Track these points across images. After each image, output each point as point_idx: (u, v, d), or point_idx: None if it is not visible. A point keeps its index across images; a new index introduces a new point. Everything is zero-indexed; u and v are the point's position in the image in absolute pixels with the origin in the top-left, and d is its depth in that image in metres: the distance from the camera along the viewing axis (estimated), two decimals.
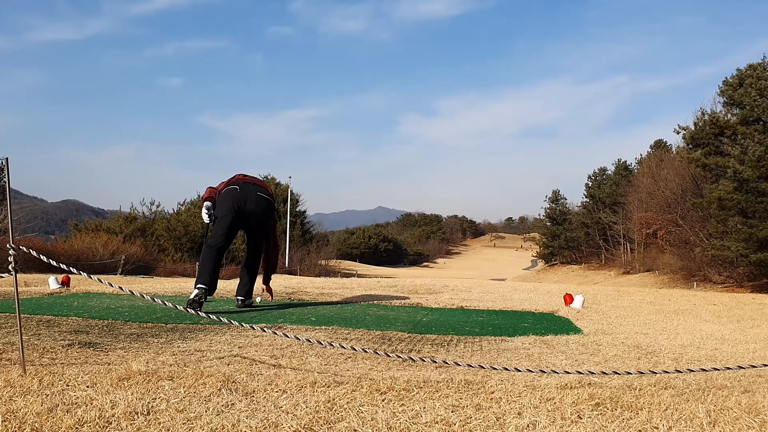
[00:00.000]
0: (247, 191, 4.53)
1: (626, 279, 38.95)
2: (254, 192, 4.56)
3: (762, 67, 24.54)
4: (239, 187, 4.54)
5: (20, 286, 6.34)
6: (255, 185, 4.62)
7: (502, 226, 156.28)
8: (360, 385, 1.88)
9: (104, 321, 3.59)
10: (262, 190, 4.63)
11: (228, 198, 4.50)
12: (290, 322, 3.88)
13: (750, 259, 21.82)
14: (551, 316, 5.04)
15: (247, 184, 4.59)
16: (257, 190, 4.59)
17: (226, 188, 4.58)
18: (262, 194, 4.59)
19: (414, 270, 73.64)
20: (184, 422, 1.48)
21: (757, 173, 21.38)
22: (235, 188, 4.53)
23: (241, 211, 4.48)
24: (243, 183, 4.58)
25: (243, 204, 4.48)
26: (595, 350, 3.13)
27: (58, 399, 1.62)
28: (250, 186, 4.58)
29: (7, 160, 2.23)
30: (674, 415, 1.63)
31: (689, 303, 7.27)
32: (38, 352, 2.43)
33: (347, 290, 7.43)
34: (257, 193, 4.57)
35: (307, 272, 33.66)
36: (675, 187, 33.28)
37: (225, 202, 4.50)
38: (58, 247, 21.78)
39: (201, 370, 2.07)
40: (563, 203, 66.70)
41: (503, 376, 2.30)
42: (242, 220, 4.53)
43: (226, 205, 4.48)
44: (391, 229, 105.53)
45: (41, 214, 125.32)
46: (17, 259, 2.08)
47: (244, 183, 4.59)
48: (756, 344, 3.69)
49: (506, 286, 11.14)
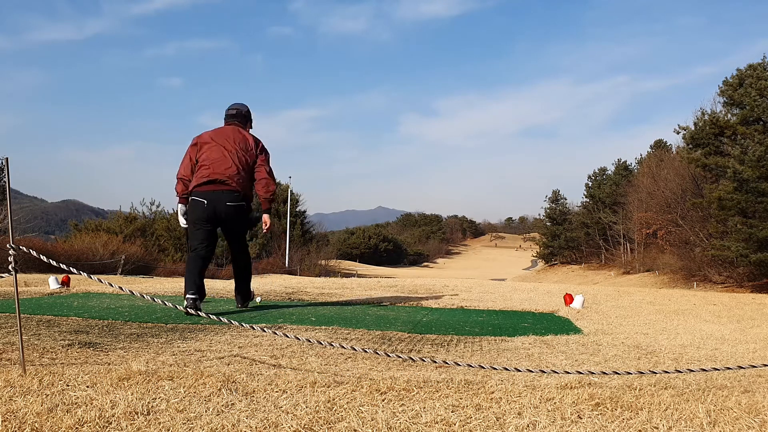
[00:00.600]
0: (215, 203, 4.22)
1: (626, 279, 38.95)
2: (223, 203, 4.23)
3: (762, 67, 24.55)
4: (206, 200, 4.21)
5: (20, 286, 6.34)
6: (225, 192, 4.23)
7: (502, 226, 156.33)
8: (360, 385, 1.87)
9: (104, 321, 3.59)
10: (230, 196, 4.24)
11: (197, 209, 4.24)
12: (290, 322, 3.88)
13: (750, 259, 21.83)
14: (551, 316, 5.04)
15: (216, 194, 4.22)
16: (227, 198, 4.23)
17: (193, 198, 4.27)
18: (232, 203, 4.25)
19: (414, 270, 73.63)
20: (184, 422, 1.48)
21: (757, 173, 21.38)
22: (202, 203, 4.22)
23: (213, 221, 4.27)
24: (211, 193, 4.22)
25: (213, 215, 4.23)
26: (595, 350, 3.13)
27: (58, 399, 1.62)
28: (219, 195, 4.22)
29: (7, 160, 2.23)
30: (674, 415, 1.63)
31: (689, 303, 7.27)
32: (38, 352, 2.43)
33: (347, 290, 7.43)
34: (227, 203, 4.23)
35: (307, 272, 33.66)
36: (675, 187, 33.29)
37: (194, 212, 4.26)
38: (58, 247, 21.78)
39: (201, 370, 2.07)
40: (563, 203, 66.73)
41: (503, 376, 2.30)
42: (217, 226, 4.34)
43: (196, 215, 4.25)
44: (391, 229, 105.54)
45: (41, 214, 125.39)
46: (17, 259, 2.08)
47: (212, 193, 4.22)
48: (756, 344, 3.69)
49: (506, 286, 11.14)
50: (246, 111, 4.59)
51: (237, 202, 4.26)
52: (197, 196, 4.24)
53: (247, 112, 4.60)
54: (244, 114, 4.57)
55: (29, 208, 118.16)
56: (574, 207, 63.92)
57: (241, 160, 4.30)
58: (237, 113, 4.53)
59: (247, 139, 4.41)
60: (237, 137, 4.38)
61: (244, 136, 4.43)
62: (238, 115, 4.53)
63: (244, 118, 4.56)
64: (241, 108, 4.57)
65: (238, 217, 4.31)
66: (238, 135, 4.40)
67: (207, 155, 4.28)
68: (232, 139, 4.35)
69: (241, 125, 4.50)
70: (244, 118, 4.56)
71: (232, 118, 4.52)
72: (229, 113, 4.54)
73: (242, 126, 4.51)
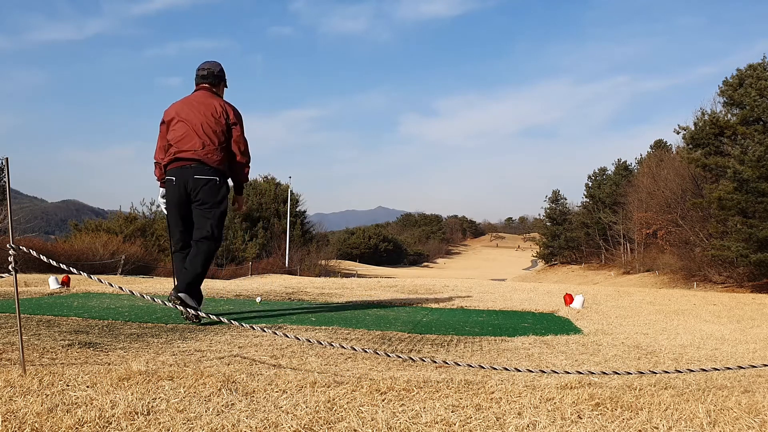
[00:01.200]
0: (184, 179, 3.85)
1: (626, 279, 38.94)
2: (191, 176, 3.82)
3: (762, 67, 24.55)
4: (175, 177, 3.87)
5: (20, 286, 6.34)
6: (192, 166, 3.84)
7: (502, 226, 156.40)
8: (360, 385, 1.87)
9: (104, 321, 3.59)
10: (198, 169, 3.84)
11: (168, 190, 3.93)
12: (290, 322, 3.88)
13: (750, 259, 21.83)
14: (551, 316, 5.04)
15: (183, 170, 3.85)
16: (194, 172, 3.83)
17: (166, 179, 3.96)
18: (201, 176, 3.84)
19: (414, 270, 73.64)
20: (184, 422, 1.48)
21: (757, 173, 21.38)
22: (171, 181, 3.89)
23: (186, 202, 3.89)
24: (179, 170, 3.87)
25: (184, 193, 3.86)
26: (595, 350, 3.13)
27: (58, 399, 1.62)
28: (186, 170, 3.84)
29: (7, 160, 2.23)
30: (674, 415, 1.63)
31: (689, 303, 7.27)
32: (38, 352, 2.43)
33: (347, 290, 7.43)
34: (194, 176, 3.83)
35: (307, 272, 33.66)
36: (675, 187, 33.30)
37: (167, 194, 3.96)
38: (58, 247, 21.78)
39: (201, 370, 2.07)
40: (563, 203, 66.75)
41: (503, 376, 2.30)
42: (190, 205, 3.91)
43: (168, 197, 3.93)
44: (391, 229, 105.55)
45: (41, 214, 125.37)
46: (17, 259, 2.08)
47: (180, 169, 3.87)
48: (756, 344, 3.69)
49: (506, 286, 11.14)
50: (218, 71, 4.13)
51: (206, 175, 3.85)
52: (168, 175, 3.94)
53: (220, 72, 4.14)
54: (216, 74, 4.11)
55: (29, 208, 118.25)
56: (574, 207, 64.01)
57: (207, 132, 3.87)
58: (208, 74, 4.08)
59: (215, 108, 3.94)
60: (203, 107, 3.93)
61: (212, 103, 3.96)
62: (210, 75, 4.08)
63: (216, 78, 4.10)
64: (213, 67, 4.11)
65: (211, 192, 3.85)
66: (204, 103, 3.95)
67: (173, 134, 3.94)
68: (196, 110, 3.92)
69: (212, 87, 4.08)
70: (216, 79, 4.10)
71: (203, 80, 4.08)
72: (200, 74, 4.09)
73: (214, 88, 4.09)
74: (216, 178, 3.87)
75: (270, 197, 43.31)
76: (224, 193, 3.93)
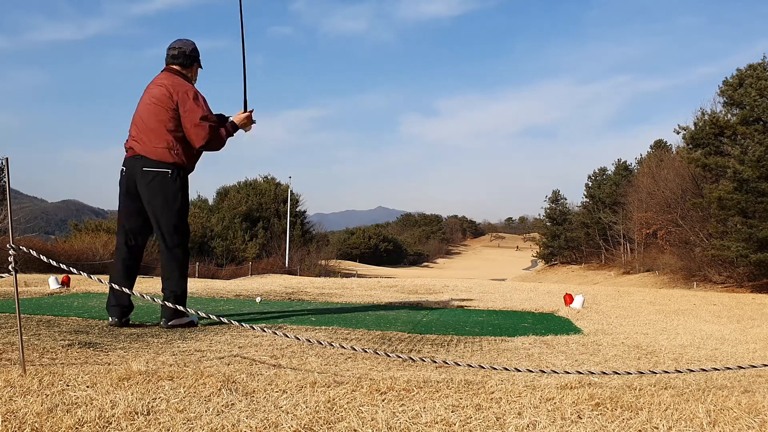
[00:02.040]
0: (132, 170, 3.48)
1: (626, 279, 38.95)
2: (139, 168, 3.44)
3: (762, 67, 24.56)
4: (125, 167, 3.53)
5: (20, 286, 6.34)
6: (139, 157, 3.45)
7: (502, 226, 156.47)
8: (360, 385, 1.87)
9: (104, 321, 3.59)
10: (145, 161, 3.44)
11: (120, 182, 3.57)
12: (290, 322, 3.88)
13: (750, 259, 21.84)
14: (551, 316, 5.05)
15: (132, 160, 3.49)
16: (141, 164, 3.44)
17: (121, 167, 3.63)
18: (148, 168, 3.43)
19: (414, 270, 73.64)
20: (184, 422, 1.48)
21: (757, 173, 21.39)
22: (122, 171, 3.56)
23: (135, 195, 3.51)
24: (129, 160, 3.52)
25: (133, 186, 3.49)
26: (595, 350, 3.13)
27: (58, 399, 1.62)
28: (134, 161, 3.48)
29: (7, 160, 2.23)
30: (674, 415, 1.63)
31: (689, 303, 7.27)
32: (38, 352, 2.43)
33: (347, 290, 7.43)
34: (142, 168, 3.43)
35: (307, 272, 33.66)
36: (675, 187, 33.30)
37: (119, 184, 3.59)
38: (58, 247, 21.79)
39: (201, 370, 2.07)
40: (563, 203, 66.79)
41: (503, 376, 2.30)
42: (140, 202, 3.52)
43: (119, 189, 3.58)
44: (391, 229, 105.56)
45: (41, 214, 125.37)
46: (17, 259, 2.08)
47: (129, 159, 3.52)
48: (756, 344, 3.69)
49: (506, 286, 11.14)
50: (191, 50, 3.66)
51: (154, 168, 3.43)
52: (122, 165, 3.59)
53: (193, 51, 3.67)
54: (188, 54, 3.65)
55: (29, 208, 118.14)
56: (574, 207, 64.05)
57: (151, 119, 3.46)
58: (179, 53, 3.63)
59: (163, 92, 3.48)
60: (156, 92, 3.51)
61: (165, 86, 3.50)
62: (180, 55, 3.63)
63: (188, 58, 3.65)
64: (185, 47, 3.65)
65: (159, 188, 3.44)
66: (154, 89, 3.54)
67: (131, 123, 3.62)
68: (148, 96, 3.53)
69: (182, 69, 3.63)
70: (188, 59, 3.65)
71: (174, 60, 3.63)
72: (170, 53, 3.65)
73: (184, 70, 3.64)
74: (167, 171, 3.46)
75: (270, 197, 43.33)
76: (178, 186, 3.50)
